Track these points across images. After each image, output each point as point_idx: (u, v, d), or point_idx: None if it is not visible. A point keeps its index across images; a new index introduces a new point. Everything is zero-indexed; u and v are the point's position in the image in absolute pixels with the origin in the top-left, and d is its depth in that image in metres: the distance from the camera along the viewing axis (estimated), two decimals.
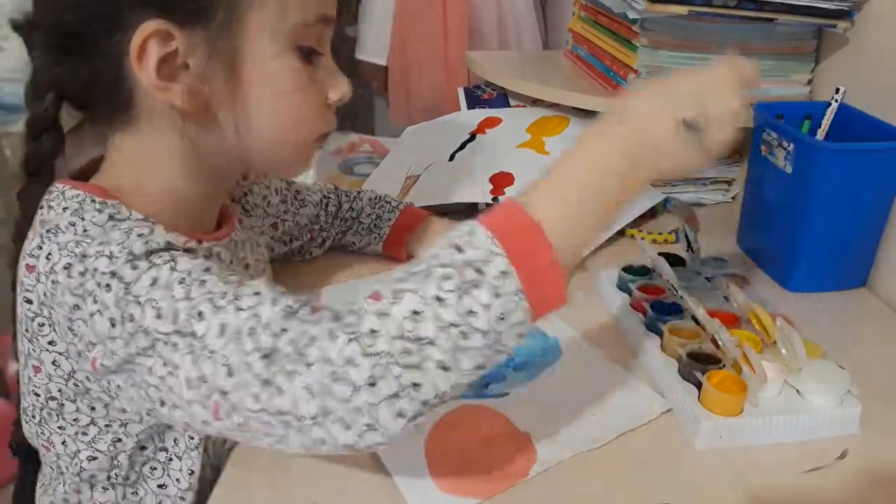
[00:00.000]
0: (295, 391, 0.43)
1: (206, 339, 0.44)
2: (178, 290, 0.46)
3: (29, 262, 0.51)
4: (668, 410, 0.64)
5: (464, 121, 1.11)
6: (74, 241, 0.49)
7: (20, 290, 0.53)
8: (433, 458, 0.59)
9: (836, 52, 0.93)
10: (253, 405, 0.43)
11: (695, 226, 0.95)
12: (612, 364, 0.71)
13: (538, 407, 0.65)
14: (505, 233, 0.43)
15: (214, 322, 0.45)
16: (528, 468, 0.58)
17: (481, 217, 0.45)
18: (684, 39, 0.93)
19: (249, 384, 0.43)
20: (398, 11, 1.76)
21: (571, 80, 1.10)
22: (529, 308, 0.43)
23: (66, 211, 0.52)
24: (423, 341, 0.42)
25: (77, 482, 0.58)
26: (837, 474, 0.58)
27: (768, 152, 0.85)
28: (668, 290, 0.76)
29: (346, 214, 0.88)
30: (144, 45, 0.50)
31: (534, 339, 0.75)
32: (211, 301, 0.45)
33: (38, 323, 0.52)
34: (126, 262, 0.47)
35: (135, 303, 0.46)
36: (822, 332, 0.71)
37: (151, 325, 0.45)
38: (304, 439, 0.44)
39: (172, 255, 0.49)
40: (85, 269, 0.48)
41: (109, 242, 0.48)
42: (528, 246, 0.43)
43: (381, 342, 0.42)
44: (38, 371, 0.54)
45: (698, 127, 0.48)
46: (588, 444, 0.60)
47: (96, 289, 0.47)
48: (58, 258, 0.49)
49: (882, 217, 0.82)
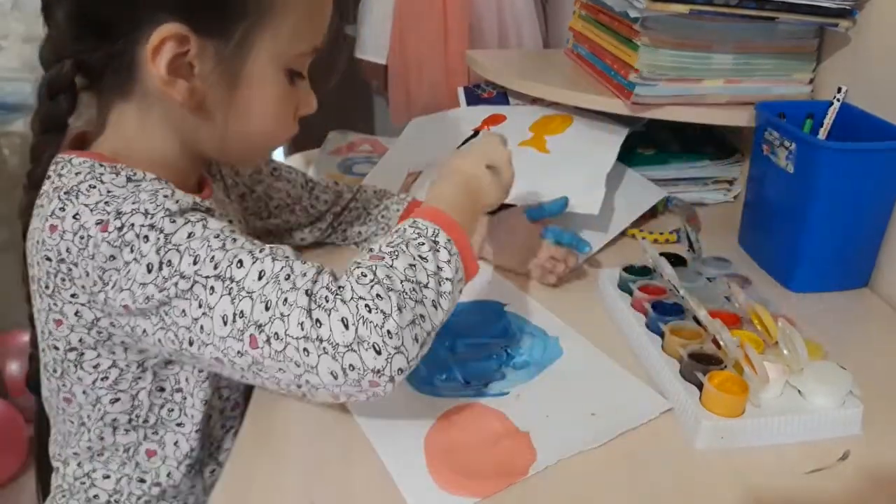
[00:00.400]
0: (332, 323, 0.50)
1: (244, 282, 0.52)
2: (214, 242, 0.54)
3: (52, 223, 0.56)
4: (668, 410, 0.64)
5: (467, 117, 1.11)
6: (103, 200, 0.55)
7: (37, 250, 0.57)
8: (432, 456, 0.59)
9: (837, 51, 0.93)
10: (296, 332, 0.51)
11: (696, 225, 0.95)
12: (612, 363, 0.70)
13: (538, 406, 0.65)
14: (436, 221, 0.59)
15: (253, 269, 0.53)
16: (527, 467, 0.58)
17: (412, 212, 0.61)
18: (685, 38, 0.92)
19: (289, 315, 0.51)
20: (398, 10, 1.76)
21: (572, 79, 1.09)
22: (464, 273, 0.59)
23: (79, 175, 0.57)
24: (421, 284, 0.54)
25: (101, 427, 0.64)
26: (839, 475, 0.58)
27: (770, 152, 0.85)
28: (669, 291, 0.75)
29: (351, 205, 0.89)
30: (162, 44, 0.56)
31: (534, 338, 0.75)
32: (250, 252, 0.54)
33: (60, 278, 0.57)
34: (164, 217, 0.54)
35: (174, 251, 0.53)
36: (823, 333, 0.70)
37: (189, 269, 0.53)
38: (335, 366, 0.51)
39: (202, 216, 0.56)
40: (122, 224, 0.54)
41: (141, 202, 0.55)
42: (452, 229, 0.59)
43: (396, 283, 0.53)
44: (60, 324, 0.59)
45: (497, 170, 0.70)
46: (588, 444, 0.60)
47: (135, 239, 0.53)
48: (88, 216, 0.55)
49: (884, 217, 0.82)
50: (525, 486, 0.57)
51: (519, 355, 0.72)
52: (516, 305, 0.80)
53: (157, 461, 0.66)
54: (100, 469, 0.66)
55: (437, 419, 0.63)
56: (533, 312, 0.79)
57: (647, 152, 1.09)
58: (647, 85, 0.94)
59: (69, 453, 0.67)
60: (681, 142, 1.12)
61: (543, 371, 0.70)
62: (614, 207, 0.97)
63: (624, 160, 1.03)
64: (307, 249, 0.91)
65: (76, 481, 0.67)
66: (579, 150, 1.00)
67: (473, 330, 0.76)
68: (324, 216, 0.89)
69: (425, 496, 0.55)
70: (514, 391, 0.67)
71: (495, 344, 0.74)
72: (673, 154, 1.09)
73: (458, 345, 0.73)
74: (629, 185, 1.01)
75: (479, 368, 0.70)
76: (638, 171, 1.04)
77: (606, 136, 1.01)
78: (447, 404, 0.65)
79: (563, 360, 0.71)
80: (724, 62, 0.94)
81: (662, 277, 0.76)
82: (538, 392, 0.67)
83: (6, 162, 1.81)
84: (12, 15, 2.29)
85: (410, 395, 0.67)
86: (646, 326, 0.72)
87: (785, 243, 0.84)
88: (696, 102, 0.96)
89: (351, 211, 0.90)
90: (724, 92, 0.96)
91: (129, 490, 0.66)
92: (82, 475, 0.66)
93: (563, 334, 0.75)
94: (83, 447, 0.65)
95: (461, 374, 0.69)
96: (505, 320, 0.78)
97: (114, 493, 0.66)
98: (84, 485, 0.66)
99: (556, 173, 0.96)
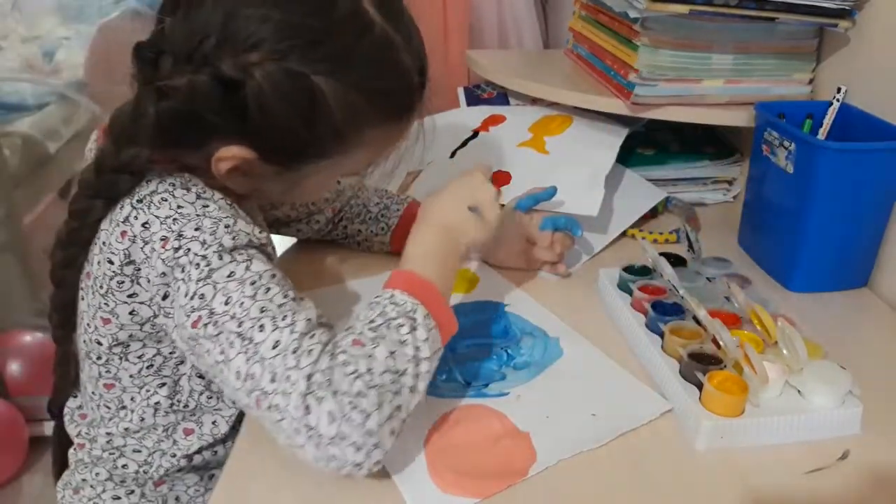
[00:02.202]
0: (321, 415, 0.52)
1: (260, 347, 0.54)
2: (248, 290, 0.56)
3: (123, 229, 0.59)
4: (668, 411, 0.64)
5: (468, 118, 1.11)
6: (171, 217, 0.58)
7: (101, 251, 0.61)
8: (433, 457, 0.59)
9: (837, 52, 0.93)
10: (289, 411, 0.52)
11: (696, 226, 0.95)
12: (612, 364, 0.70)
13: (538, 406, 0.65)
14: (413, 291, 0.59)
15: (271, 337, 0.54)
16: (527, 468, 0.58)
17: (391, 283, 0.61)
18: (685, 38, 0.92)
19: (290, 393, 0.52)
20: None
21: (572, 80, 1.09)
22: (441, 338, 0.60)
23: (150, 184, 0.60)
24: (399, 373, 0.55)
25: (143, 409, 0.67)
26: (839, 475, 0.58)
27: (769, 152, 0.85)
28: (669, 291, 0.75)
29: (352, 202, 0.90)
30: (227, 161, 0.60)
31: (535, 338, 0.75)
32: (273, 318, 0.55)
33: (118, 280, 0.60)
34: (215, 253, 0.57)
35: (211, 286, 0.56)
36: (823, 333, 0.71)
37: (220, 307, 0.55)
38: (319, 453, 0.52)
39: (250, 255, 0.58)
40: (179, 245, 0.57)
41: (203, 230, 0.57)
42: (430, 297, 0.60)
43: (376, 376, 0.54)
44: (108, 322, 0.63)
45: (478, 209, 0.69)
46: (588, 444, 0.60)
47: (187, 264, 0.57)
48: (157, 229, 0.58)
49: (884, 217, 0.82)
50: (525, 486, 0.57)
51: (519, 356, 0.72)
52: (517, 306, 0.81)
53: (193, 439, 0.69)
54: (132, 444, 0.69)
55: (438, 420, 0.63)
56: (533, 313, 0.79)
57: (647, 152, 1.09)
58: (646, 85, 0.94)
59: (100, 432, 0.69)
60: (680, 142, 1.12)
61: (544, 372, 0.70)
62: (614, 208, 0.97)
63: (624, 160, 1.03)
64: (312, 248, 0.91)
65: (104, 453, 0.70)
66: (578, 151, 1.00)
67: (474, 330, 0.76)
68: (323, 210, 0.89)
69: (425, 496, 0.56)
70: (514, 392, 0.67)
71: (496, 344, 0.74)
72: (672, 154, 1.09)
73: (459, 345, 0.73)
74: (629, 187, 1.01)
75: (479, 369, 0.70)
76: (637, 171, 1.04)
77: (605, 137, 1.01)
78: (448, 405, 0.65)
79: (563, 361, 0.71)
80: (724, 62, 0.94)
81: (662, 277, 0.76)
82: (539, 393, 0.67)
83: (6, 162, 1.81)
84: (12, 15, 2.29)
85: None
86: (645, 326, 0.72)
87: (784, 243, 0.84)
88: (695, 103, 0.96)
89: (352, 208, 0.90)
90: (723, 92, 0.96)
91: (160, 463, 0.69)
92: (111, 448, 0.69)
93: (563, 335, 0.75)
94: (120, 429, 0.68)
95: (461, 374, 0.69)
96: (505, 321, 0.78)
97: (143, 464, 0.69)
98: (113, 455, 0.69)
99: (555, 174, 0.96)
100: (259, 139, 0.59)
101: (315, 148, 0.61)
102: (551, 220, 0.86)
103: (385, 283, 0.61)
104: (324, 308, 0.59)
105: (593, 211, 0.90)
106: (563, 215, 0.86)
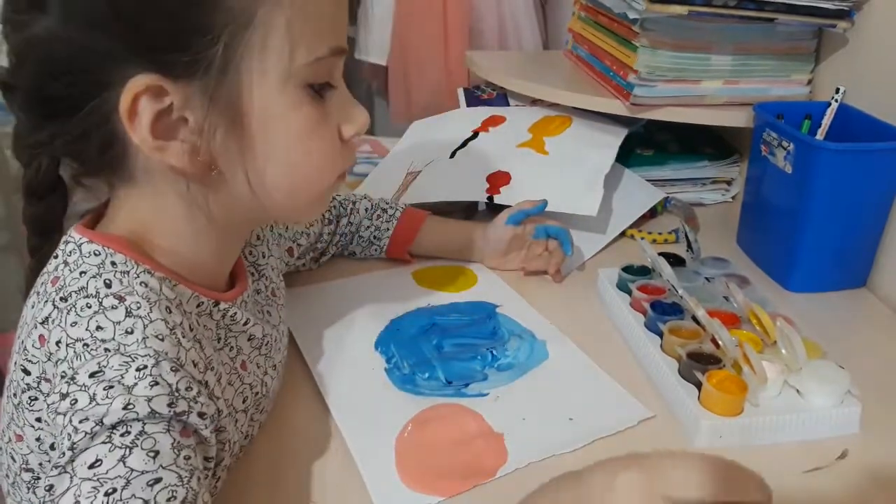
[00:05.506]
0: None
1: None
2: (100, 498, 0.39)
3: (42, 333, 0.46)
4: (648, 418, 0.63)
5: (468, 118, 1.11)
6: (82, 342, 0.44)
7: (20, 354, 0.47)
8: (402, 453, 0.59)
9: (836, 52, 0.93)
10: None
11: (695, 226, 0.95)
12: (598, 370, 0.70)
13: (516, 408, 0.65)
14: None
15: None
16: (496, 469, 0.58)
17: None
18: (684, 39, 0.93)
19: None
20: (398, 11, 1.76)
21: (571, 81, 1.10)
22: None
23: (83, 277, 0.47)
24: None
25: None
26: (837, 474, 0.58)
27: (768, 152, 0.85)
28: (668, 290, 0.76)
29: (344, 229, 0.88)
30: (135, 104, 0.45)
31: (522, 340, 0.74)
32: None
33: (30, 396, 0.47)
34: (90, 429, 0.41)
35: (67, 477, 0.41)
36: (822, 333, 0.71)
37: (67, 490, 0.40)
38: None
39: (134, 441, 0.41)
40: (67, 392, 0.43)
41: (101, 375, 0.43)
42: None
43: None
44: (20, 439, 0.49)
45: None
46: (561, 448, 0.60)
47: (64, 426, 0.42)
48: (63, 355, 0.44)
49: (882, 217, 0.82)
50: (490, 487, 0.56)
51: (504, 357, 0.72)
52: (510, 308, 0.80)
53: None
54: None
55: (413, 417, 0.63)
56: (525, 315, 0.79)
57: (646, 153, 1.09)
58: (645, 86, 0.94)
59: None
60: (679, 142, 1.12)
61: (526, 374, 0.69)
62: (613, 209, 0.97)
63: (623, 161, 1.04)
64: None
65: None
66: (577, 151, 1.00)
67: (462, 330, 0.76)
68: (326, 243, 0.86)
69: (389, 493, 0.55)
70: (493, 392, 0.67)
71: (482, 345, 0.74)
72: (672, 155, 1.09)
73: (445, 344, 0.73)
74: (628, 187, 1.02)
75: (461, 368, 0.70)
76: (637, 171, 1.05)
77: (605, 138, 1.02)
78: (425, 402, 0.65)
79: (547, 364, 0.71)
80: (723, 63, 0.95)
81: (661, 277, 0.77)
82: (518, 394, 0.67)
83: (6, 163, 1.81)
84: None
85: (390, 392, 0.67)
86: (645, 326, 0.72)
87: (783, 243, 0.85)
88: (694, 103, 0.97)
89: (345, 235, 0.87)
90: (722, 93, 0.96)
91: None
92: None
93: (552, 338, 0.75)
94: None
95: (444, 373, 0.69)
96: (495, 321, 0.78)
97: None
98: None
99: (554, 175, 0.96)
100: (138, 48, 0.45)
101: (206, 24, 0.45)
102: (544, 228, 0.86)
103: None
104: (324, 304, 0.58)
105: (592, 211, 0.90)
106: (556, 226, 0.86)
